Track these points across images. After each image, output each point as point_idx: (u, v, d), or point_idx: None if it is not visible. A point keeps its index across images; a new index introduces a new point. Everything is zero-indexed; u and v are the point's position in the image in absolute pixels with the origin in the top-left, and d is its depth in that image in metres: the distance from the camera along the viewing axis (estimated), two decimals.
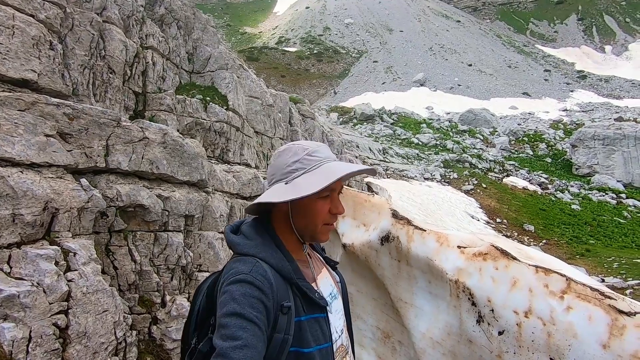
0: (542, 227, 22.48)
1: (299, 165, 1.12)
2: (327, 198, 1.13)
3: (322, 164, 1.11)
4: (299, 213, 1.14)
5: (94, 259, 3.20)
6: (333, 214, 1.15)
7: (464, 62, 69.49)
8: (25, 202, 2.84)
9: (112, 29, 5.57)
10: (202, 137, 7.26)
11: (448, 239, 1.69)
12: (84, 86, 4.83)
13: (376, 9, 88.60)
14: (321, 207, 1.13)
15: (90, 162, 3.60)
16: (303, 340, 1.06)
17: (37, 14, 4.03)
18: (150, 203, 4.02)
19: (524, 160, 35.73)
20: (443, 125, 43.42)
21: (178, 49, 7.92)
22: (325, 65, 68.23)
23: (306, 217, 1.14)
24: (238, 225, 1.22)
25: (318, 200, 1.11)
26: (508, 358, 1.37)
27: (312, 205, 1.12)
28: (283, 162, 1.15)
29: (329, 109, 45.13)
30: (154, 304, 3.99)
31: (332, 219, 1.15)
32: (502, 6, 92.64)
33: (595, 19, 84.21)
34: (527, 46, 79.33)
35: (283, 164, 1.14)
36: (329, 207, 1.14)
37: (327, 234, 1.18)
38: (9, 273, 2.60)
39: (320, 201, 1.12)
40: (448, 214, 19.46)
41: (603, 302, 1.21)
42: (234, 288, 1.00)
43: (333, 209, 1.14)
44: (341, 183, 1.16)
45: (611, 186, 30.39)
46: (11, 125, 2.98)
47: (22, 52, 3.71)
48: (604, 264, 17.54)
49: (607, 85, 63.66)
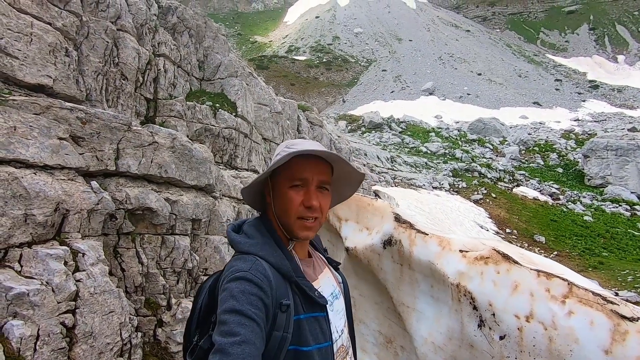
0: (553, 238, 22.06)
1: (277, 158, 1.15)
2: (298, 189, 1.13)
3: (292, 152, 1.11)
4: (277, 204, 1.16)
5: (102, 260, 3.26)
6: (306, 207, 1.13)
7: (473, 71, 69.31)
8: (38, 203, 2.91)
9: (126, 37, 5.73)
10: (211, 143, 7.36)
11: (450, 243, 1.69)
12: (97, 92, 4.96)
13: (385, 18, 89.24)
14: (292, 197, 1.13)
15: (101, 165, 3.68)
16: (302, 338, 1.07)
17: (54, 22, 4.17)
18: (158, 206, 4.09)
19: (535, 170, 35.24)
20: (452, 134, 43.17)
21: (189, 56, 8.08)
22: (334, 73, 68.70)
23: (281, 207, 1.15)
24: (240, 224, 1.24)
25: (289, 189, 1.13)
26: None
27: (284, 194, 1.14)
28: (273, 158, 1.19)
29: (337, 117, 45.28)
30: (160, 307, 4.02)
31: (306, 212, 1.13)
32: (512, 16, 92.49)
33: (607, 29, 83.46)
34: (537, 56, 78.86)
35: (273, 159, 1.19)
36: (302, 199, 1.13)
37: (305, 230, 1.15)
38: (19, 272, 2.66)
39: (291, 191, 1.13)
40: (456, 224, 19.25)
41: (605, 307, 1.19)
42: (233, 285, 1.01)
43: (305, 201, 1.12)
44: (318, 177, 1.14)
45: (625, 198, 29.73)
46: (26, 128, 3.08)
47: (39, 59, 3.84)
48: (618, 277, 17.09)
49: (620, 95, 62.75)
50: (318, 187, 1.15)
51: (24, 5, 3.87)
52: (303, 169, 1.13)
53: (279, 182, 1.16)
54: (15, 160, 2.92)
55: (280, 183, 1.16)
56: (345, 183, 1.29)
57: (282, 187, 1.14)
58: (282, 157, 1.11)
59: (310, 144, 1.18)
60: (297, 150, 1.11)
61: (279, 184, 1.16)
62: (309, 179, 1.13)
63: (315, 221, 1.15)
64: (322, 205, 1.15)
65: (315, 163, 1.15)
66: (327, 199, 1.18)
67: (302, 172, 1.13)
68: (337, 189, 1.29)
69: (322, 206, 1.15)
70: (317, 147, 1.17)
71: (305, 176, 1.13)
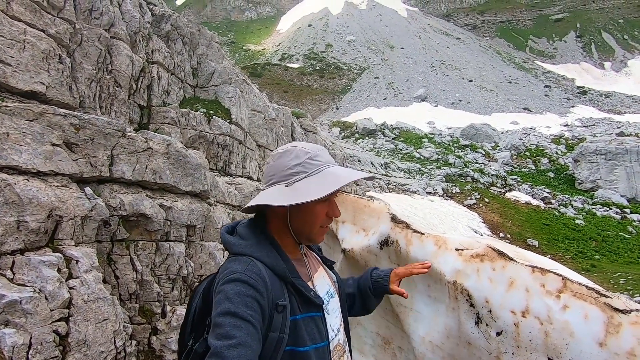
0: (546, 242, 22.26)
1: (301, 169, 1.13)
2: (326, 202, 1.15)
3: (323, 168, 1.13)
4: (297, 216, 1.15)
5: (95, 267, 3.22)
6: (329, 217, 1.17)
7: (464, 78, 70.28)
8: (30, 210, 2.88)
9: (120, 45, 5.73)
10: (205, 150, 7.34)
11: (446, 242, 1.71)
12: (90, 99, 4.94)
13: (377, 26, 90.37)
14: (320, 211, 1.15)
15: (94, 171, 3.66)
16: (299, 339, 1.06)
17: (47, 29, 4.17)
18: (152, 212, 4.06)
19: (527, 174, 35.65)
20: (445, 140, 43.59)
21: (183, 64, 8.10)
22: (327, 81, 69.17)
23: (304, 219, 1.15)
24: (234, 226, 1.23)
25: (317, 204, 1.13)
26: (507, 359, 1.37)
27: (312, 209, 1.14)
28: (284, 164, 1.15)
29: (331, 124, 45.48)
30: (155, 314, 3.97)
31: (328, 221, 1.18)
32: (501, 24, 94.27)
33: (593, 36, 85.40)
34: (526, 62, 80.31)
35: (284, 166, 1.15)
36: (327, 210, 1.16)
37: (323, 235, 1.20)
38: (11, 279, 2.62)
39: (320, 205, 1.14)
40: (451, 228, 19.34)
41: (599, 301, 1.22)
42: (228, 287, 1.01)
43: (330, 212, 1.16)
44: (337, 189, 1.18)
45: (615, 201, 30.17)
46: (19, 134, 3.06)
47: (32, 65, 3.82)
48: (610, 280, 17.27)
49: (607, 100, 64.03)
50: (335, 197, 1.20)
51: (17, 12, 3.86)
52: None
53: None
54: (8, 166, 2.90)
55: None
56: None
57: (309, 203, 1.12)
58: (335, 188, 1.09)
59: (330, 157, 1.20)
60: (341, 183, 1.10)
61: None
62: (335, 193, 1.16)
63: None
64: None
65: None
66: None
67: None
68: None
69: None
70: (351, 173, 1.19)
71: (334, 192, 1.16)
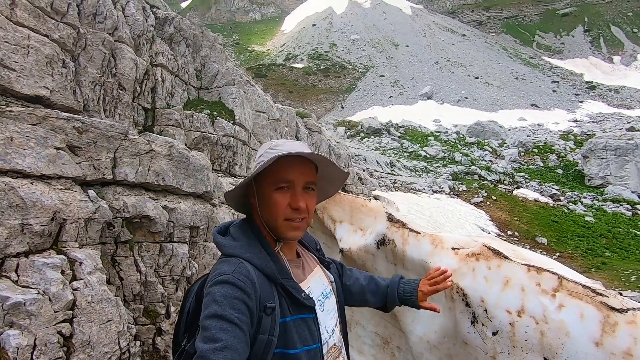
0: (555, 239, 21.99)
1: (262, 159, 1.14)
2: (284, 191, 1.12)
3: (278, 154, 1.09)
4: (262, 209, 1.15)
5: (99, 269, 3.25)
6: (294, 209, 1.11)
7: (470, 75, 69.72)
8: (34, 213, 2.92)
9: (123, 48, 5.79)
10: (210, 151, 7.39)
11: (442, 241, 1.70)
12: (94, 102, 5.00)
13: (382, 25, 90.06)
14: (278, 200, 1.11)
15: (98, 174, 3.70)
16: (288, 341, 1.05)
17: (51, 34, 4.23)
18: (156, 214, 4.09)
19: (535, 171, 35.25)
20: (451, 137, 43.30)
21: (186, 66, 8.16)
22: (332, 80, 69.12)
23: (268, 211, 1.14)
24: (227, 227, 1.23)
25: (274, 192, 1.11)
26: (502, 359, 1.36)
27: (270, 197, 1.12)
28: (255, 160, 1.19)
29: (336, 123, 45.46)
30: (159, 315, 4.00)
31: (293, 214, 1.12)
32: (507, 19, 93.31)
33: (602, 30, 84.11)
34: (533, 58, 79.38)
35: (254, 161, 1.19)
36: (289, 201, 1.11)
37: (293, 231, 1.14)
38: (16, 281, 2.66)
39: (276, 194, 1.11)
40: (457, 227, 19.21)
41: (595, 300, 1.20)
42: (215, 289, 1.00)
43: (292, 203, 1.11)
44: (304, 178, 1.13)
45: (626, 197, 29.70)
46: (23, 138, 3.10)
47: (36, 70, 3.88)
48: (621, 277, 17.00)
49: (617, 95, 63.01)
50: (304, 188, 1.14)
51: (21, 18, 3.92)
52: (288, 170, 1.11)
53: (264, 185, 1.14)
54: (12, 170, 2.94)
55: (266, 186, 1.14)
56: (329, 182, 1.27)
57: (268, 190, 1.13)
58: (267, 160, 1.09)
59: (294, 144, 1.17)
60: (281, 152, 1.09)
61: (264, 187, 1.14)
62: (295, 180, 1.12)
63: (302, 221, 1.14)
64: (308, 206, 1.14)
65: (300, 164, 1.13)
66: (313, 199, 1.17)
67: (287, 174, 1.11)
68: (321, 188, 1.26)
69: (308, 207, 1.14)
70: (302, 147, 1.16)
71: (291, 178, 1.12)
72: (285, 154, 1.09)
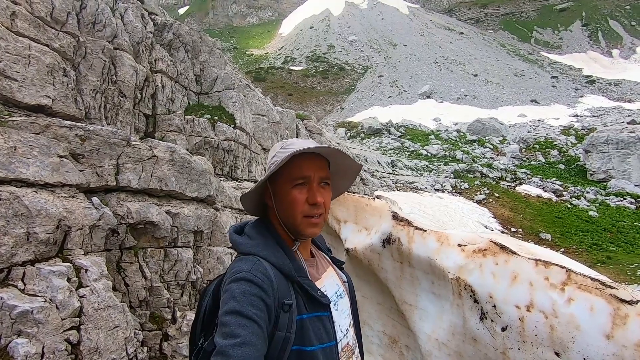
0: (559, 235, 21.90)
1: (275, 159, 1.15)
2: (302, 187, 1.13)
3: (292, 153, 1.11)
4: (280, 207, 1.16)
5: (105, 275, 3.26)
6: (311, 204, 1.13)
7: (469, 72, 69.69)
8: (39, 221, 2.93)
9: (123, 55, 5.82)
10: (211, 156, 7.40)
11: (448, 238, 1.69)
12: (96, 110, 5.02)
13: (379, 25, 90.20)
14: (296, 196, 1.13)
15: (101, 181, 3.71)
16: (305, 338, 1.06)
17: (51, 43, 4.25)
18: (159, 219, 4.10)
19: (536, 167, 35.15)
20: (451, 135, 43.24)
21: (186, 71, 8.18)
22: (331, 82, 69.22)
23: (285, 208, 1.15)
24: (242, 226, 1.24)
25: (292, 189, 1.13)
26: (513, 354, 1.35)
27: (287, 195, 1.14)
28: (267, 161, 1.20)
29: (336, 125, 45.49)
30: (165, 320, 4.01)
31: (312, 210, 1.13)
32: (504, 16, 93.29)
33: (600, 24, 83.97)
34: (532, 54, 79.30)
35: (267, 163, 1.20)
36: (306, 197, 1.13)
37: (312, 227, 1.15)
38: (22, 290, 2.67)
39: (294, 190, 1.13)
40: (461, 225, 19.16)
41: (604, 292, 1.19)
42: (234, 286, 1.02)
43: (310, 198, 1.13)
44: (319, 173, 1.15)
45: (629, 191, 29.55)
46: (26, 147, 3.12)
47: (38, 80, 3.90)
48: (627, 271, 16.91)
49: (617, 89, 62.84)
50: (319, 184, 1.15)
51: (22, 28, 3.94)
52: (304, 167, 1.13)
53: (281, 184, 1.16)
54: (16, 179, 2.95)
55: (282, 185, 1.15)
56: (342, 177, 1.29)
57: (285, 188, 1.14)
58: (282, 158, 1.11)
59: (305, 142, 1.19)
60: (296, 149, 1.11)
61: (280, 185, 1.16)
62: (311, 176, 1.14)
63: (320, 217, 1.16)
64: (325, 201, 1.16)
65: (314, 160, 1.15)
66: (329, 194, 1.19)
67: (303, 171, 1.13)
68: (335, 183, 1.28)
69: (325, 202, 1.16)
70: (313, 144, 1.18)
71: (307, 174, 1.13)
72: (300, 150, 1.11)
